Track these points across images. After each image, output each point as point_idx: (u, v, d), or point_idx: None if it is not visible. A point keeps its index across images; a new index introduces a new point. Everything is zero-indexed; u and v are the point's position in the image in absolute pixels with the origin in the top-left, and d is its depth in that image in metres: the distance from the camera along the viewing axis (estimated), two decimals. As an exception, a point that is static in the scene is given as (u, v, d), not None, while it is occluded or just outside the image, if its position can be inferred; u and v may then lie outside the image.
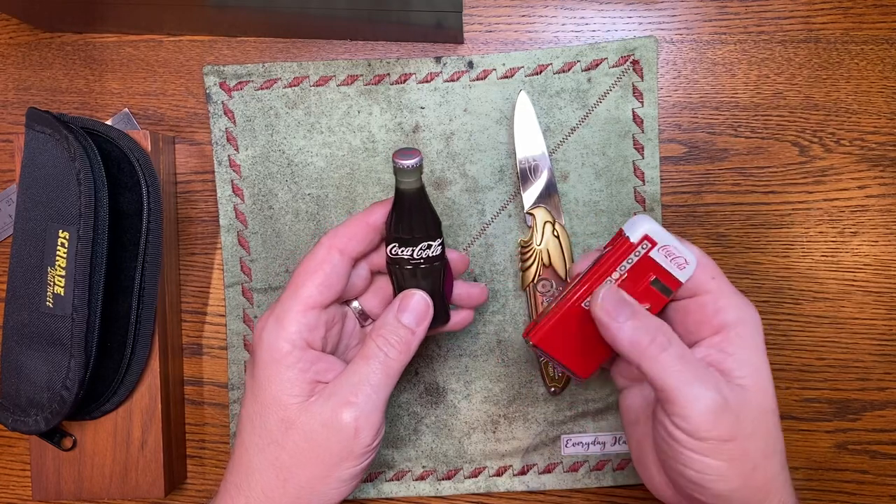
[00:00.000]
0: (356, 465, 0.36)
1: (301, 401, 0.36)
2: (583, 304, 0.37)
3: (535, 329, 0.38)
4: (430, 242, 0.37)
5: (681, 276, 0.36)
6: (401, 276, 0.38)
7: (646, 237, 0.36)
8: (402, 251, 0.37)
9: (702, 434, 0.33)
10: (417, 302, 0.38)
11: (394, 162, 0.35)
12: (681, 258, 0.36)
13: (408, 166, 0.35)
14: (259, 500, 0.36)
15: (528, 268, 0.46)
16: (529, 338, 0.38)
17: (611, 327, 0.35)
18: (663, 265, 0.36)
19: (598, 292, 0.36)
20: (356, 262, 0.39)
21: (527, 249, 0.46)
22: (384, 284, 0.41)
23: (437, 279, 0.38)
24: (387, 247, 0.38)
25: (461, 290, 0.41)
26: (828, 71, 0.47)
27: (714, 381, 0.33)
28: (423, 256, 0.37)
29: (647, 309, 0.37)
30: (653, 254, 0.36)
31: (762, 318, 0.47)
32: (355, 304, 0.41)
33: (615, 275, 0.36)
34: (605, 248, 0.38)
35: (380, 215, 0.38)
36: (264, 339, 0.36)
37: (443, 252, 0.38)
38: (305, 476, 0.36)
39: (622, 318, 0.35)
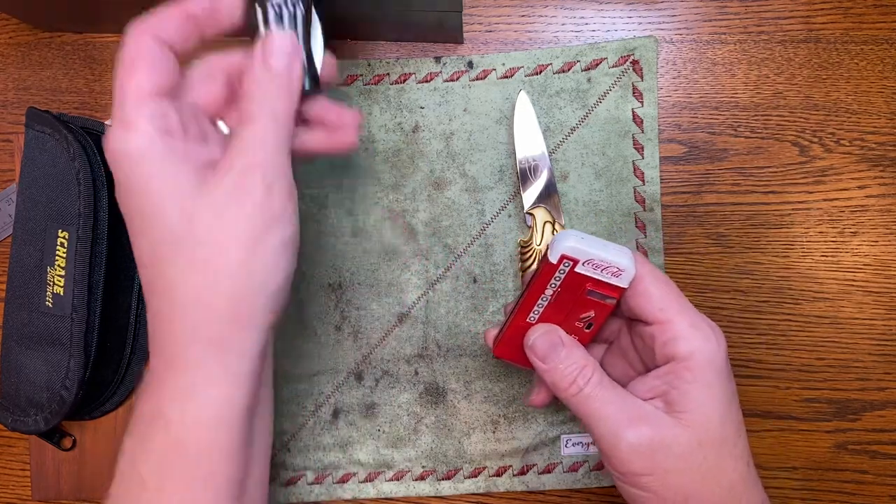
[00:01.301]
0: (282, 231, 0.32)
1: (196, 186, 0.31)
2: (527, 319, 0.38)
3: (496, 343, 0.40)
4: None
5: (619, 282, 0.36)
6: (261, 22, 0.34)
7: (564, 257, 0.35)
8: None
9: (618, 469, 0.34)
10: (281, 40, 0.33)
11: None
12: (611, 267, 0.35)
13: None
14: (196, 318, 0.31)
15: (527, 268, 0.46)
16: (493, 352, 0.40)
17: (540, 369, 0.37)
18: (594, 276, 0.36)
19: (531, 336, 0.37)
20: (183, 56, 0.33)
21: (527, 249, 0.46)
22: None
23: (303, 29, 0.34)
24: None
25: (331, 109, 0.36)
26: (828, 71, 0.47)
27: (633, 419, 0.34)
28: None
29: (592, 317, 0.37)
30: (579, 269, 0.36)
31: (762, 318, 0.47)
32: (221, 124, 0.36)
33: (548, 291, 0.36)
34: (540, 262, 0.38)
35: (200, 3, 0.33)
36: (118, 150, 0.31)
37: None
38: (233, 260, 0.31)
39: (551, 362, 0.36)
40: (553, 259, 0.36)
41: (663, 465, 0.34)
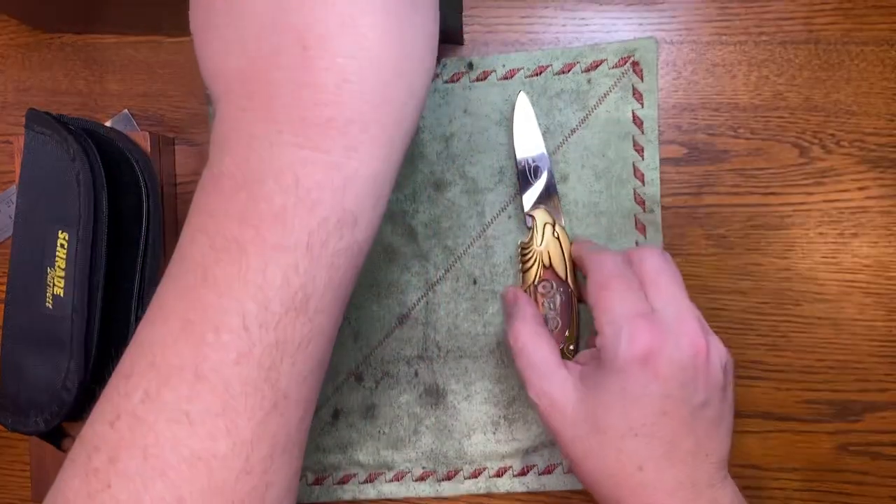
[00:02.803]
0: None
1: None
2: None
3: None
4: None
5: None
6: None
7: None
8: None
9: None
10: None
11: None
12: None
13: None
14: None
15: (528, 269, 0.46)
16: None
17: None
18: None
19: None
20: None
21: (527, 251, 0.46)
22: None
23: None
24: None
25: None
26: (828, 72, 0.47)
27: (543, 374, 0.39)
28: None
29: None
30: None
31: (762, 319, 0.47)
32: None
33: None
34: None
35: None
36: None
37: None
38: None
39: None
40: None
41: (553, 424, 0.38)
